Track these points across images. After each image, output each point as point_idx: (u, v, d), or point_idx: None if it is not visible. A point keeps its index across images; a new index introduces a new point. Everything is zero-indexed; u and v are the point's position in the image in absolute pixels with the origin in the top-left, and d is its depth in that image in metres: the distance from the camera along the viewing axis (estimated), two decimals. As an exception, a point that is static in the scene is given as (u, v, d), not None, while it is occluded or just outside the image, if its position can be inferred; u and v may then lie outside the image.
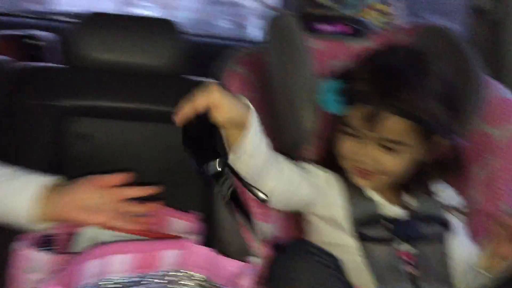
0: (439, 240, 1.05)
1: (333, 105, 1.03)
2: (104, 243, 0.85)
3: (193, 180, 1.40)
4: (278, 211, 1.08)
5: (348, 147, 1.02)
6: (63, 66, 1.44)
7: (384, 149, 1.00)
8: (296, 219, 1.12)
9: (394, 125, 0.97)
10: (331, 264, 0.89)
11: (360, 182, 1.05)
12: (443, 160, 1.05)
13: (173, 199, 1.36)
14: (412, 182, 1.06)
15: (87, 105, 1.37)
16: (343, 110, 1.02)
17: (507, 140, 1.15)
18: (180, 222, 1.13)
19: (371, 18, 1.77)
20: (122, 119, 1.40)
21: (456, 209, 1.11)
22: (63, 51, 1.45)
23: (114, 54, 1.40)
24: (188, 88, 1.43)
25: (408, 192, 1.07)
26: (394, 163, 1.01)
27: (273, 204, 0.96)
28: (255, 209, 1.04)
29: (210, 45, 2.67)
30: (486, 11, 1.48)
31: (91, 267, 0.81)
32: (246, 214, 0.84)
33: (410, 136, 0.99)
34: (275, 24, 1.15)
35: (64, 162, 1.37)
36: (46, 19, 3.07)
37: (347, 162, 1.04)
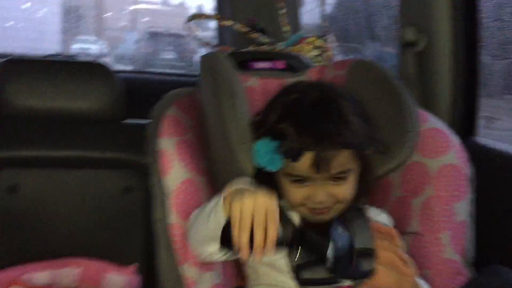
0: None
1: (271, 164, 1.01)
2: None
3: (134, 228, 1.36)
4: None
5: (300, 195, 1.01)
6: None
7: (334, 182, 1.01)
8: (236, 264, 1.09)
9: (339, 159, 0.99)
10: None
11: (320, 218, 1.04)
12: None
13: (113, 248, 1.31)
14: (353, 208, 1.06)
15: (10, 156, 1.29)
16: (282, 166, 1.00)
17: (438, 169, 1.18)
18: (117, 277, 1.08)
19: (307, 53, 1.81)
20: (53, 168, 1.33)
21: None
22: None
23: (39, 100, 1.33)
24: (123, 132, 1.41)
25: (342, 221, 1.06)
26: (347, 190, 1.03)
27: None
28: (195, 259, 1.02)
29: (153, 81, 2.64)
30: (412, 43, 1.54)
31: None
32: None
33: (351, 162, 1.03)
34: (206, 63, 1.13)
35: None
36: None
37: (301, 208, 1.03)
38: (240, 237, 0.82)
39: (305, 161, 0.98)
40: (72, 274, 1.05)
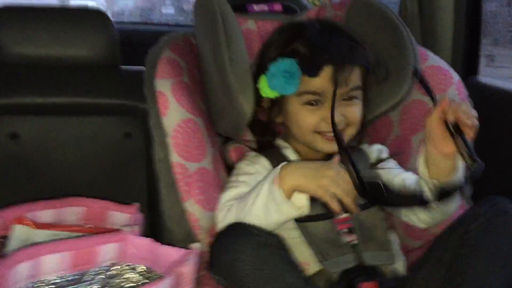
0: (376, 206, 1.06)
1: (288, 84, 1.01)
2: (36, 244, 0.81)
3: (136, 171, 1.38)
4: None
5: (313, 119, 1.03)
6: None
7: (346, 101, 1.05)
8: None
9: (353, 76, 1.03)
10: (273, 243, 0.88)
11: (329, 148, 1.05)
12: None
13: (116, 191, 1.33)
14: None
15: (9, 103, 1.29)
16: (298, 87, 1.01)
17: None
18: (120, 215, 1.10)
19: (306, -6, 1.78)
20: (53, 115, 1.34)
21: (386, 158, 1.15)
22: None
23: (35, 47, 1.32)
24: (121, 78, 1.41)
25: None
26: (357, 111, 1.07)
27: None
28: (200, 197, 1.04)
29: (150, 32, 2.61)
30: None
31: (22, 270, 0.77)
32: None
33: (361, 79, 1.07)
34: (202, 7, 1.12)
35: None
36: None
37: (311, 137, 1.05)
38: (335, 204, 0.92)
39: (323, 76, 1.00)
40: (76, 212, 1.08)
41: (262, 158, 1.09)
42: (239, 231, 0.88)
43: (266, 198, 0.95)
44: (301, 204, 0.95)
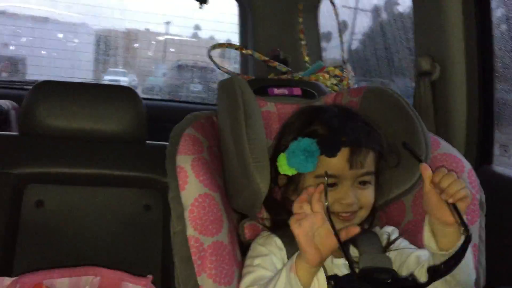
0: None
1: (306, 162, 1.05)
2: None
3: (152, 243, 1.41)
4: (232, 274, 1.08)
5: (329, 199, 1.02)
6: (14, 134, 1.45)
7: (360, 185, 1.08)
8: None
9: (368, 160, 1.07)
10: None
11: (343, 226, 1.04)
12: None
13: (132, 261, 1.36)
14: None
15: (37, 172, 1.36)
16: (315, 166, 1.05)
17: None
18: (134, 287, 1.12)
19: (325, 80, 1.86)
20: (77, 185, 1.40)
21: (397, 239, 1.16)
22: (18, 119, 1.46)
23: (67, 120, 1.41)
24: (145, 153, 1.48)
25: (353, 241, 1.09)
26: (370, 195, 1.10)
27: None
28: (213, 271, 1.05)
29: (178, 109, 2.73)
30: (427, 72, 1.57)
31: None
32: None
33: (374, 165, 1.11)
34: (225, 87, 1.19)
35: (19, 229, 1.34)
36: (14, 88, 3.09)
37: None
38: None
39: (340, 158, 1.04)
40: (91, 281, 1.10)
41: (275, 238, 1.10)
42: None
43: (284, 286, 0.96)
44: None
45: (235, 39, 2.68)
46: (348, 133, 1.05)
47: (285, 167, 1.07)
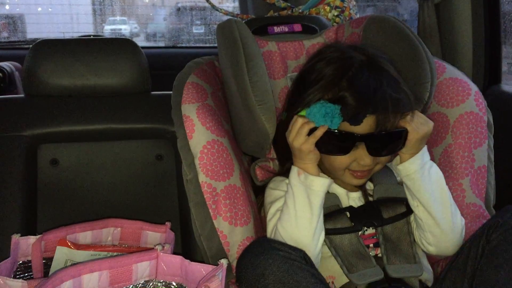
0: (402, 219, 1.09)
1: (328, 124, 1.01)
2: (78, 264, 0.88)
3: (168, 191, 1.44)
4: (249, 214, 1.12)
5: (347, 159, 1.04)
6: (21, 96, 1.46)
7: None
8: (263, 219, 1.16)
9: (391, 120, 1.01)
10: (297, 257, 0.92)
11: (356, 182, 1.09)
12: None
13: (149, 211, 1.40)
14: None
15: (48, 132, 1.38)
16: (335, 127, 1.01)
17: (457, 117, 1.20)
18: (153, 234, 1.16)
19: (326, 13, 1.82)
20: (89, 141, 1.42)
21: None
22: (22, 80, 1.46)
23: (70, 78, 1.41)
24: (151, 104, 1.49)
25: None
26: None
27: None
28: (228, 214, 1.09)
29: (180, 55, 2.70)
30: (430, -4, 1.53)
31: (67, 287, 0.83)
32: None
33: (399, 122, 1.04)
34: (223, 31, 1.17)
35: (38, 189, 1.39)
36: (15, 49, 3.08)
37: (342, 171, 1.07)
38: None
39: (364, 123, 1.00)
40: (112, 233, 1.15)
41: (286, 180, 1.10)
42: (263, 247, 0.92)
43: (302, 191, 1.01)
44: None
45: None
46: (376, 104, 0.99)
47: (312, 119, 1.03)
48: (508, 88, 1.51)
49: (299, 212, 1.01)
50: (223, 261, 0.88)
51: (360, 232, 1.08)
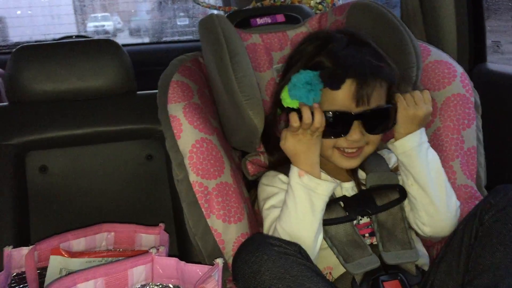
0: (395, 206, 1.09)
1: (309, 94, 1.01)
2: (72, 273, 0.87)
3: (160, 191, 1.44)
4: (242, 210, 1.11)
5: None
6: (4, 104, 1.44)
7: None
8: (260, 214, 1.15)
9: (377, 94, 1.03)
10: (292, 252, 0.91)
11: (347, 164, 1.08)
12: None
13: (143, 213, 1.39)
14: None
15: (36, 139, 1.37)
16: (319, 98, 1.02)
17: (444, 100, 1.20)
18: (147, 236, 1.16)
19: (307, 1, 1.81)
20: (77, 146, 1.41)
21: None
22: (5, 88, 1.44)
23: (54, 82, 1.39)
24: (137, 104, 1.47)
25: (361, 164, 1.11)
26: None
27: None
28: (221, 212, 1.08)
29: (165, 50, 2.68)
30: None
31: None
32: None
33: (385, 98, 1.06)
34: (205, 27, 1.16)
35: (28, 197, 1.37)
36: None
37: (331, 150, 1.07)
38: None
39: (345, 90, 1.01)
40: (106, 238, 1.14)
41: (280, 175, 1.11)
42: (258, 243, 0.92)
43: (305, 193, 0.99)
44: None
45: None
46: (354, 66, 1.00)
47: (288, 99, 1.04)
48: (493, 67, 1.52)
49: (300, 214, 1.00)
50: (219, 261, 0.88)
51: (355, 222, 1.08)
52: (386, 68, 1.04)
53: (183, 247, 1.33)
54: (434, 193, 1.05)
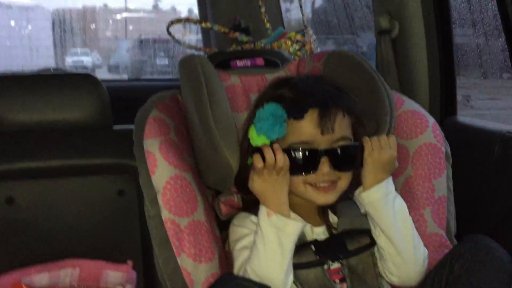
0: (367, 252, 1.09)
1: (273, 128, 1.03)
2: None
3: (130, 228, 1.41)
4: (213, 250, 1.09)
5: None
6: None
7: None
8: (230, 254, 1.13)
9: (342, 122, 1.05)
10: (263, 294, 0.90)
11: (321, 200, 1.07)
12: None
13: (111, 249, 1.36)
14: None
15: (4, 169, 1.34)
16: (284, 132, 1.03)
17: (416, 148, 1.23)
18: (114, 273, 1.13)
19: (286, 47, 1.85)
20: (47, 178, 1.38)
21: None
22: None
23: (30, 113, 1.38)
24: (112, 138, 1.46)
25: (333, 208, 1.12)
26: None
27: None
28: (192, 251, 1.07)
29: (143, 88, 2.69)
30: (387, 30, 1.58)
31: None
32: None
33: (350, 130, 1.08)
34: (185, 66, 1.17)
35: None
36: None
37: (304, 186, 1.06)
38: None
39: (309, 120, 1.02)
40: (70, 274, 1.10)
41: (251, 217, 1.09)
42: (228, 285, 0.90)
43: (274, 233, 0.99)
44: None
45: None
46: (315, 95, 1.04)
47: (255, 136, 1.05)
48: (463, 120, 1.57)
49: (269, 254, 0.99)
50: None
51: (326, 267, 1.07)
52: (346, 97, 1.08)
53: (150, 286, 1.30)
54: (401, 245, 1.05)
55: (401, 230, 1.06)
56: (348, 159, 1.06)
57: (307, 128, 1.03)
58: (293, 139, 1.04)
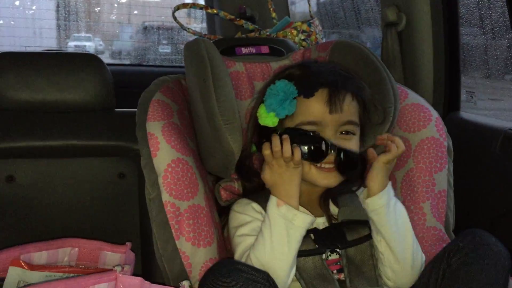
0: (365, 243, 1.09)
1: (283, 105, 1.04)
2: (30, 285, 0.84)
3: (129, 210, 1.41)
4: (212, 235, 1.10)
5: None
6: None
7: (343, 135, 1.07)
8: (229, 240, 1.14)
9: (350, 107, 1.06)
10: (260, 279, 0.90)
11: (325, 182, 1.08)
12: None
13: (110, 230, 1.36)
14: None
15: (6, 147, 1.33)
16: (293, 109, 1.04)
17: (418, 142, 1.23)
18: (113, 255, 1.13)
19: (293, 36, 1.85)
20: (48, 158, 1.38)
21: None
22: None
23: (32, 92, 1.37)
24: (115, 121, 1.46)
25: (334, 200, 1.12)
26: (354, 146, 1.09)
27: None
28: (191, 234, 1.07)
29: (146, 73, 2.68)
30: (393, 23, 1.58)
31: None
32: None
33: (357, 116, 1.09)
34: (191, 50, 1.17)
35: None
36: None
37: (308, 166, 1.06)
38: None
39: (318, 98, 1.03)
40: (69, 253, 1.11)
41: (252, 204, 1.10)
42: (226, 268, 0.90)
43: (282, 224, 0.99)
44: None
45: (202, -4, 2.60)
46: (325, 75, 1.04)
47: (264, 114, 1.06)
48: (466, 116, 1.57)
49: (276, 245, 0.99)
50: (185, 283, 0.86)
51: (324, 256, 1.08)
52: (357, 81, 1.09)
53: (147, 268, 1.30)
54: (401, 252, 1.05)
55: (401, 237, 1.06)
56: (353, 165, 1.06)
57: (315, 107, 1.04)
58: (301, 118, 1.05)
